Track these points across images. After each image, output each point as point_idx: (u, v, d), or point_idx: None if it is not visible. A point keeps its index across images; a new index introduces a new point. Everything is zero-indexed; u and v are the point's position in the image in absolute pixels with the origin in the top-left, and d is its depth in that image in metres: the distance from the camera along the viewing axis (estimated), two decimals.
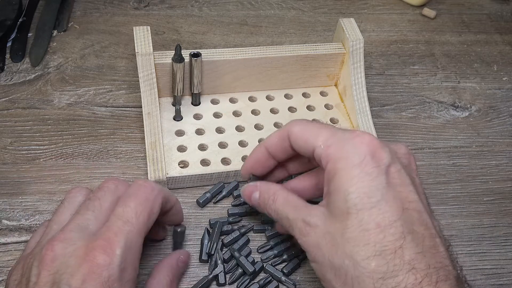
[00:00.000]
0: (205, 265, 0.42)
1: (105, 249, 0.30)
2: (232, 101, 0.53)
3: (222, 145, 0.49)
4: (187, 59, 0.48)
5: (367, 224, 0.30)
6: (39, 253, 0.32)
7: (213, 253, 0.41)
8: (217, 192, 0.46)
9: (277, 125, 0.51)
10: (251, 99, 0.54)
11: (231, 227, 0.43)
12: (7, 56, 0.57)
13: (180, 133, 0.49)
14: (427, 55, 0.65)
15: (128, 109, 0.53)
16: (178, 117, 0.50)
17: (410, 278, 0.29)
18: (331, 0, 0.72)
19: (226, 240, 0.42)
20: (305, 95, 0.55)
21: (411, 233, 0.30)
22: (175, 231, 0.40)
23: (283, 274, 0.41)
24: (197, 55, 0.48)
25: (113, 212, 0.33)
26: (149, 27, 0.48)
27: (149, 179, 0.43)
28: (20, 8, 0.62)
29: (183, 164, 0.46)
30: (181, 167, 0.46)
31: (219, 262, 0.41)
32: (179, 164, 0.46)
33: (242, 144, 0.49)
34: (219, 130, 0.50)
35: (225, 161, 0.47)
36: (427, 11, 0.71)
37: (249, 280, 0.40)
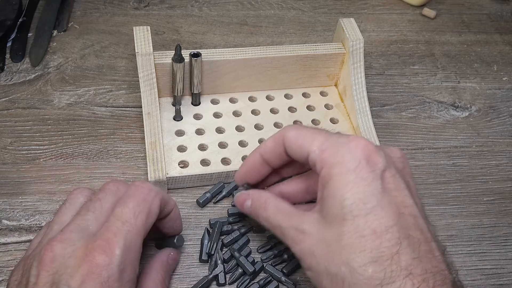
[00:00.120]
0: (205, 265, 0.42)
1: (104, 249, 0.30)
2: (232, 101, 0.53)
3: (222, 145, 0.49)
4: (187, 59, 0.48)
5: (363, 230, 0.30)
6: (38, 253, 0.32)
7: (213, 253, 0.41)
8: (217, 192, 0.46)
9: (277, 125, 0.51)
10: (251, 99, 0.54)
11: (231, 227, 0.43)
12: (7, 56, 0.57)
13: (180, 133, 0.49)
14: (427, 55, 0.65)
15: (128, 109, 0.53)
16: (178, 117, 0.50)
17: (407, 284, 0.29)
18: (331, 0, 0.72)
19: (226, 240, 0.42)
20: (305, 95, 0.55)
21: (407, 238, 0.30)
22: (173, 243, 0.40)
23: (283, 274, 0.41)
24: (197, 55, 0.48)
25: (112, 213, 0.33)
26: (149, 27, 0.48)
27: (149, 180, 0.43)
28: (20, 8, 0.62)
29: (183, 164, 0.46)
30: (181, 167, 0.46)
31: (219, 262, 0.41)
32: (179, 164, 0.46)
33: (242, 144, 0.49)
34: (219, 130, 0.50)
35: (225, 161, 0.47)
36: (427, 11, 0.71)
37: (249, 280, 0.41)
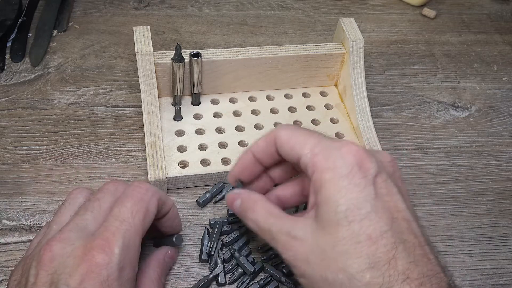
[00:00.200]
0: (205, 265, 0.42)
1: (103, 248, 0.30)
2: (232, 101, 0.53)
3: (222, 145, 0.49)
4: (187, 59, 0.48)
5: (359, 236, 0.30)
6: (37, 253, 0.32)
7: (213, 253, 0.41)
8: (217, 192, 0.46)
9: (277, 125, 0.51)
10: (251, 99, 0.54)
11: (231, 227, 0.43)
12: (7, 56, 0.57)
13: (180, 133, 0.49)
14: (427, 55, 0.65)
15: (128, 109, 0.53)
16: (178, 117, 0.50)
17: None
18: (331, 0, 0.72)
19: (226, 240, 0.42)
20: (305, 95, 0.55)
21: (402, 242, 0.30)
22: (172, 242, 0.40)
23: (283, 274, 0.41)
24: (197, 55, 0.48)
25: (110, 213, 0.33)
26: (149, 27, 0.48)
27: (149, 180, 0.43)
28: (20, 8, 0.62)
29: (183, 164, 0.46)
30: (181, 167, 0.46)
31: (219, 262, 0.41)
32: (179, 164, 0.46)
33: (242, 144, 0.49)
34: (219, 130, 0.50)
35: (225, 161, 0.47)
36: (427, 11, 0.71)
37: (249, 280, 0.41)
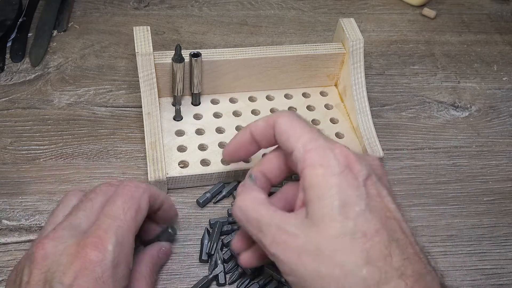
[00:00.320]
0: (205, 265, 0.42)
1: (97, 245, 0.31)
2: (232, 101, 0.53)
3: (222, 145, 0.48)
4: (187, 59, 0.48)
5: (354, 233, 0.30)
6: (30, 252, 0.32)
7: (213, 253, 0.41)
8: (217, 192, 0.46)
9: None
10: (251, 99, 0.54)
11: (231, 227, 0.43)
12: (7, 56, 0.57)
13: (180, 133, 0.49)
14: (427, 55, 0.65)
15: (128, 109, 0.53)
16: (178, 117, 0.50)
17: (401, 284, 0.29)
18: (331, 0, 0.72)
19: (226, 240, 0.42)
20: (305, 95, 0.55)
21: (395, 241, 0.30)
22: (168, 234, 0.40)
23: None
24: (197, 55, 0.48)
25: (102, 212, 0.33)
26: (149, 27, 0.48)
27: (149, 180, 0.44)
28: (20, 8, 0.62)
29: (183, 164, 0.46)
30: (181, 167, 0.46)
31: (219, 262, 0.41)
32: (179, 164, 0.46)
33: None
34: (219, 130, 0.50)
35: (225, 161, 0.47)
36: (427, 11, 0.71)
37: (249, 280, 0.41)
